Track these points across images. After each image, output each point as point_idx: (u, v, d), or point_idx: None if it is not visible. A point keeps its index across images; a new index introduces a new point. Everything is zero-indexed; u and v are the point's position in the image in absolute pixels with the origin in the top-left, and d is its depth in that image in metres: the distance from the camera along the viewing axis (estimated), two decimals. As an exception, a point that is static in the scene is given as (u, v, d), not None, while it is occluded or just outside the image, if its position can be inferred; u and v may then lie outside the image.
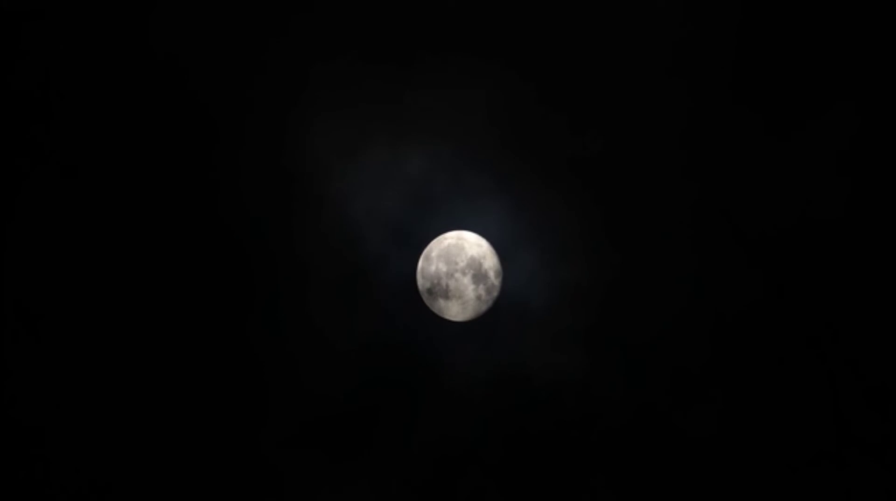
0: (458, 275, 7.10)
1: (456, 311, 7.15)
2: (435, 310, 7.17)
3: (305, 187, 7.27)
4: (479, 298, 7.13)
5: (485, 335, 7.28)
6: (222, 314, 7.25)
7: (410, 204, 7.29)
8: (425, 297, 7.17)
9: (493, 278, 7.14)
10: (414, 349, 7.29)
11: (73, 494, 7.08)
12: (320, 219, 7.27)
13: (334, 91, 7.24)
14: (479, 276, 7.11)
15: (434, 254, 7.16)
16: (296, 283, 7.30)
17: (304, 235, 7.27)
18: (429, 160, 7.26)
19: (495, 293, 7.15)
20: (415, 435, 7.24)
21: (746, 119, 7.06)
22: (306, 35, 7.23)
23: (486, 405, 7.24)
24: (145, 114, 7.22)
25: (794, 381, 6.99)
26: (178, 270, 7.23)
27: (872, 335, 6.91)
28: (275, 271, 7.29)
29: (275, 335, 7.27)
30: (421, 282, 7.18)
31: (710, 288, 7.10)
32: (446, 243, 7.18)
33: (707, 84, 7.08)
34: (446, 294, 7.12)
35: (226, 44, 7.22)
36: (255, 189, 7.27)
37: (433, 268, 7.13)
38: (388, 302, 7.29)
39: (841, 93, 6.97)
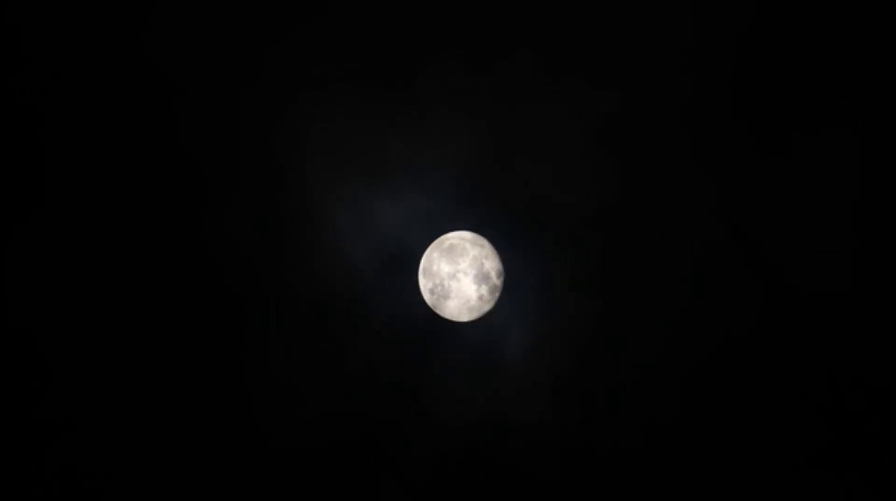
0: (459, 275, 7.10)
1: (458, 311, 7.14)
2: (437, 310, 7.16)
3: (298, 213, 7.26)
4: (481, 298, 7.13)
5: (478, 359, 7.29)
6: (215, 345, 7.22)
7: (400, 234, 7.29)
8: (427, 297, 7.16)
9: (495, 279, 7.14)
10: (409, 373, 7.29)
11: None
12: (312, 246, 7.26)
13: (327, 117, 7.24)
14: (480, 276, 7.11)
15: (436, 254, 7.16)
16: (289, 308, 7.29)
17: (297, 262, 7.26)
18: (420, 189, 7.27)
19: (497, 294, 7.16)
20: (408, 457, 7.24)
21: (747, 136, 7.12)
22: (297, 62, 7.23)
23: (471, 435, 7.25)
24: (136, 142, 7.21)
25: (793, 382, 7.03)
26: (169, 299, 7.21)
27: (872, 336, 6.96)
28: (267, 297, 7.27)
29: (267, 364, 7.25)
30: (423, 282, 7.17)
31: (710, 294, 7.14)
32: (448, 243, 7.18)
33: (706, 110, 7.13)
34: (447, 295, 7.11)
35: (218, 65, 7.22)
36: (248, 212, 7.26)
37: (435, 268, 7.13)
38: (384, 326, 7.29)
39: (841, 94, 7.04)
